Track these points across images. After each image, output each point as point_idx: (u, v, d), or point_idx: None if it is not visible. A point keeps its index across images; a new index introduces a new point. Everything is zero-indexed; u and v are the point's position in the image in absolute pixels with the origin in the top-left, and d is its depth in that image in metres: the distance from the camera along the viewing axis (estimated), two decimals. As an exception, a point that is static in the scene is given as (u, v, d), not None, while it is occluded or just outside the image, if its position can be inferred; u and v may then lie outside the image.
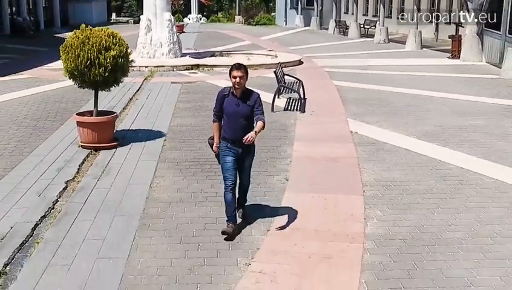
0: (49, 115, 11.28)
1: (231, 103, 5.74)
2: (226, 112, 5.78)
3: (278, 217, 6.16)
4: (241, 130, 5.70)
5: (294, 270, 4.99)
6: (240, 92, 5.70)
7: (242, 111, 5.74)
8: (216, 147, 5.91)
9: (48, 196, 6.78)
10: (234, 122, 5.75)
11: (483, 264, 5.15)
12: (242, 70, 5.63)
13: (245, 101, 5.74)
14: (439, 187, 7.17)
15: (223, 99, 5.78)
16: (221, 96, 5.80)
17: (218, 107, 5.85)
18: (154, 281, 4.87)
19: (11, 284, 4.85)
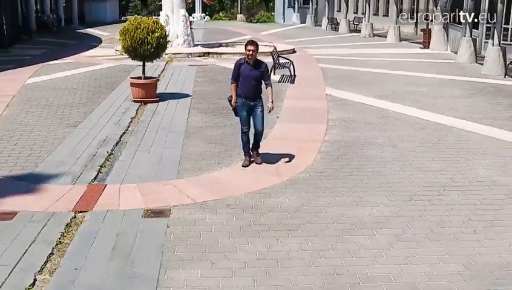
0: (101, 85, 14.97)
1: (246, 69, 7.75)
2: (242, 75, 7.77)
3: (271, 134, 9.83)
4: (252, 88, 7.80)
5: (282, 149, 8.63)
6: (252, 61, 7.71)
7: (254, 75, 7.76)
8: (234, 102, 7.94)
9: (122, 124, 10.45)
10: (248, 83, 7.78)
11: (392, 154, 8.81)
12: (254, 45, 7.69)
13: (256, 68, 7.75)
14: (377, 121, 10.85)
15: (240, 67, 7.78)
16: (238, 64, 7.81)
17: (235, 72, 7.82)
18: (197, 158, 8.53)
19: (116, 161, 8.50)
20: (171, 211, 6.39)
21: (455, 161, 8.34)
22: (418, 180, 7.48)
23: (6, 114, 11.44)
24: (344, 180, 7.52)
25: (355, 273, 5.03)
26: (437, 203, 6.71)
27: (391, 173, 7.80)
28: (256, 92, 7.86)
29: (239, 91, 7.87)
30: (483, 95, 13.61)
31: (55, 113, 11.56)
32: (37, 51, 23.62)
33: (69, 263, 5.19)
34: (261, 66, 7.85)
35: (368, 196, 6.93)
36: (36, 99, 12.90)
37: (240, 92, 7.85)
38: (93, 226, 6.01)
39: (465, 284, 4.87)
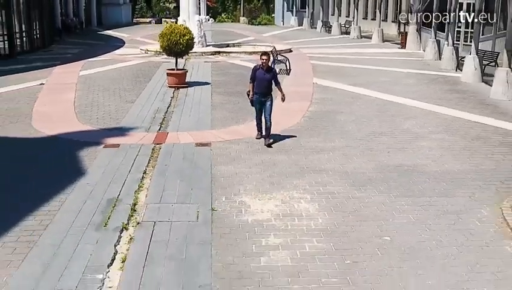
0: (139, 75, 19.29)
1: (260, 73, 10.47)
2: (257, 78, 10.45)
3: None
4: (264, 87, 10.49)
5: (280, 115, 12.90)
6: (265, 67, 10.53)
7: (266, 78, 10.47)
8: (251, 97, 10.69)
9: (165, 101, 14.75)
10: (261, 83, 10.48)
11: (351, 117, 13.10)
12: (267, 56, 10.58)
13: (268, 72, 10.51)
14: (347, 100, 15.13)
15: (256, 71, 10.52)
16: (255, 69, 10.60)
17: (253, 75, 10.51)
18: (222, 120, 12.80)
19: (170, 121, 12.75)
20: (211, 144, 10.69)
21: (392, 121, 12.63)
22: (364, 131, 11.77)
23: (79, 95, 15.75)
24: (318, 130, 11.81)
25: (315, 167, 9.30)
26: (373, 141, 10.98)
27: (348, 128, 12.09)
28: (267, 90, 10.64)
29: (255, 89, 10.60)
30: (432, 84, 17.90)
31: (113, 94, 15.88)
32: (74, 50, 27.90)
33: (161, 163, 9.48)
34: (271, 71, 10.79)
35: (332, 137, 11.22)
36: (94, 86, 17.22)
37: (256, 90, 10.61)
38: (168, 149, 10.30)
39: (376, 174, 9.13)
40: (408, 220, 7.23)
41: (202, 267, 5.94)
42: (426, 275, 5.83)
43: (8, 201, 7.76)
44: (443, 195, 8.08)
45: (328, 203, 7.80)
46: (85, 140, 10.85)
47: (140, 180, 8.63)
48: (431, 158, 9.86)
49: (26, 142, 10.88)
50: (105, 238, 6.56)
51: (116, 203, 7.63)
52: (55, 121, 12.59)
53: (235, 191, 8.23)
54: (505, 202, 7.57)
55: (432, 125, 12.30)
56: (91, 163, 9.47)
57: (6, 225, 6.87)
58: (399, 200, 7.88)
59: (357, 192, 8.24)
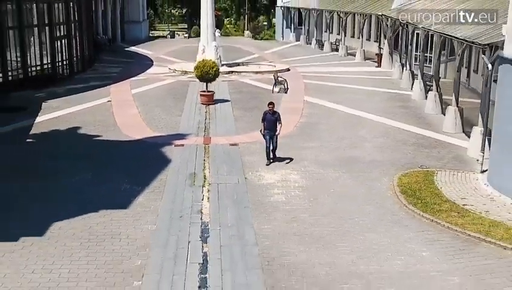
0: (176, 94, 26.23)
1: (268, 115, 15.46)
2: (266, 119, 15.45)
3: (274, 119, 21.08)
4: (272, 125, 15.36)
5: (278, 126, 19.85)
6: (272, 112, 15.72)
7: (273, 119, 15.44)
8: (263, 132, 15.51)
9: (202, 115, 21.69)
10: (269, 122, 15.40)
11: (327, 127, 20.07)
12: (272, 104, 15.70)
13: (274, 115, 15.58)
14: (327, 114, 22.07)
15: (266, 114, 15.55)
16: (265, 113, 15.56)
17: (263, 117, 15.48)
18: (243, 128, 19.74)
19: (210, 129, 19.69)
20: (238, 144, 17.63)
21: (352, 130, 19.58)
22: (333, 136, 18.72)
23: (141, 110, 22.66)
24: (304, 136, 18.75)
25: (300, 157, 16.24)
26: (337, 142, 17.90)
27: (323, 134, 19.03)
28: (273, 127, 15.60)
29: (265, 126, 15.66)
30: (389, 101, 24.88)
31: (164, 110, 22.83)
32: (114, 68, 34.82)
33: (213, 156, 16.42)
34: (276, 114, 15.87)
35: (312, 140, 18.16)
36: (148, 103, 24.15)
37: (266, 127, 15.65)
38: (213, 148, 17.25)
39: (334, 161, 16.08)
40: (346, 183, 14.18)
41: (244, 201, 12.88)
42: (346, 202, 12.77)
43: (137, 179, 14.65)
44: (367, 171, 15.03)
45: (305, 175, 14.74)
46: (161, 142, 17.80)
47: (203, 164, 15.58)
48: (368, 153, 16.82)
49: (125, 144, 17.81)
50: (196, 190, 13.52)
51: (195, 175, 14.59)
52: (135, 129, 19.55)
53: (256, 169, 15.16)
54: (396, 175, 14.51)
55: (377, 132, 19.26)
56: (171, 156, 16.41)
57: (142, 188, 13.78)
58: (344, 174, 14.83)
59: (322, 170, 15.18)
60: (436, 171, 14.81)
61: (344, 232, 11.29)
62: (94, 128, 19.60)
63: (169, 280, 9.23)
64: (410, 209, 12.23)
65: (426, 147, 17.43)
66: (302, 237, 11.02)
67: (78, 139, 18.35)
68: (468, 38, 16.40)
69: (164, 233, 11.05)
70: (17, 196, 12.98)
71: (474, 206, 12.29)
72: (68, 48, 30.89)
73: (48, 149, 17.03)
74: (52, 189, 13.50)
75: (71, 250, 10.30)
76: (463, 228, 11.08)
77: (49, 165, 15.34)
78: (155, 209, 12.27)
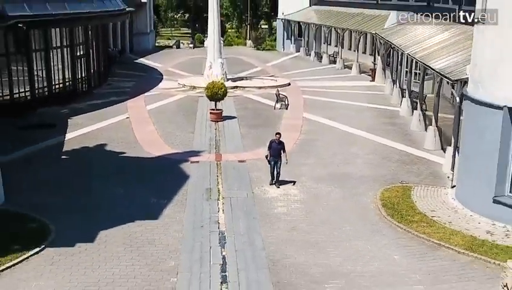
0: (187, 110, 28.99)
1: (274, 144, 17.36)
2: (272, 147, 17.34)
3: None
4: (276, 153, 17.27)
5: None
6: (278, 141, 17.46)
7: (278, 147, 17.33)
8: (269, 159, 17.48)
9: (212, 132, 24.45)
10: (274, 150, 17.31)
11: (323, 143, 22.84)
12: (279, 134, 17.65)
13: (279, 144, 17.42)
14: (323, 131, 24.84)
15: (272, 143, 17.47)
16: (271, 142, 17.48)
17: (269, 145, 17.45)
18: (249, 145, 22.53)
19: (220, 146, 22.46)
20: (246, 161, 20.38)
21: (345, 146, 22.33)
22: (328, 153, 21.46)
23: (157, 127, 25.40)
24: (302, 152, 21.49)
25: (299, 174, 19.01)
26: (331, 158, 20.66)
27: (320, 150, 21.80)
28: (278, 154, 17.50)
29: (271, 153, 17.58)
30: (379, 117, 27.63)
31: (178, 127, 25.59)
32: (128, 83, 37.58)
33: (224, 172, 19.17)
34: (281, 143, 17.64)
35: (309, 157, 20.90)
36: (162, 120, 26.89)
37: (271, 154, 17.57)
38: (224, 164, 20.00)
39: (328, 177, 18.86)
40: (338, 197, 16.94)
41: (253, 213, 15.63)
42: (336, 214, 15.52)
43: (162, 194, 17.37)
44: (356, 187, 17.78)
45: (303, 190, 17.49)
46: (178, 158, 20.56)
47: (216, 180, 18.33)
48: (358, 169, 19.59)
49: (148, 161, 20.55)
50: (212, 203, 16.28)
51: (210, 190, 17.35)
52: (155, 146, 22.30)
53: (261, 184, 17.91)
54: (380, 190, 17.27)
55: (366, 149, 22.02)
56: (189, 171, 19.17)
57: (167, 202, 16.51)
58: (336, 189, 17.58)
59: (317, 185, 17.93)
60: (413, 186, 17.57)
61: (334, 239, 14.04)
62: (118, 145, 22.35)
63: (197, 277, 11.98)
64: (388, 220, 14.98)
65: (408, 164, 20.20)
66: (301, 243, 13.77)
67: (107, 156, 21.10)
68: (442, 71, 19.15)
69: (190, 240, 13.81)
70: (64, 208, 15.70)
71: (440, 218, 15.04)
72: (86, 65, 33.65)
73: (81, 166, 19.78)
74: (92, 202, 16.25)
75: (117, 253, 13.06)
76: (429, 236, 13.83)
77: (85, 181, 18.09)
78: (180, 220, 15.03)
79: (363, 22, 42.05)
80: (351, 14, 45.51)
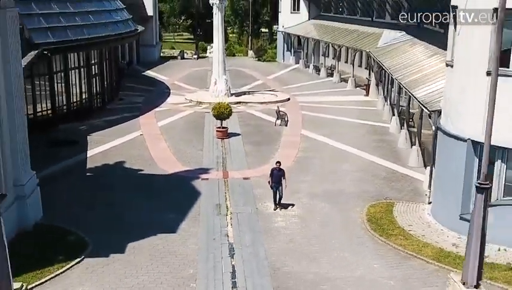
0: (196, 126, 31.71)
1: (276, 171, 19.42)
2: (273, 174, 19.41)
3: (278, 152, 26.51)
4: (278, 179, 19.30)
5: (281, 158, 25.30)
6: (278, 169, 19.53)
7: (279, 174, 19.35)
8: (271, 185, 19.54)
9: (219, 150, 27.16)
10: (276, 177, 19.34)
11: (319, 160, 25.55)
12: (279, 163, 19.68)
13: (279, 171, 19.45)
14: (319, 148, 27.53)
15: (273, 170, 19.58)
16: (273, 169, 19.65)
17: (271, 173, 19.56)
18: (253, 162, 25.23)
19: (227, 163, 25.16)
20: (250, 178, 23.08)
21: (338, 163, 25.02)
22: (324, 170, 24.16)
23: (169, 144, 28.09)
24: (300, 170, 24.18)
25: (297, 191, 21.72)
26: (326, 175, 23.35)
27: (316, 168, 24.49)
28: (279, 181, 19.48)
29: (272, 180, 19.61)
30: (371, 134, 30.33)
31: (187, 144, 28.29)
32: (138, 98, 40.26)
33: (231, 189, 21.87)
34: (281, 170, 19.63)
35: (307, 174, 23.58)
36: (173, 137, 29.60)
37: (273, 180, 19.60)
38: (231, 181, 22.70)
39: (322, 193, 21.57)
40: (329, 212, 19.63)
41: (257, 227, 18.33)
42: (327, 228, 18.22)
43: (178, 209, 20.06)
44: (346, 202, 20.47)
45: (300, 206, 20.18)
46: (191, 175, 23.25)
47: (224, 196, 21.04)
48: (348, 185, 22.28)
49: (164, 178, 23.22)
50: (222, 218, 18.99)
51: (220, 206, 20.06)
52: (168, 163, 24.98)
53: (263, 201, 20.60)
54: (366, 206, 19.97)
55: (357, 166, 24.72)
56: (200, 188, 21.86)
57: (183, 217, 19.21)
58: (328, 205, 20.27)
59: (313, 202, 20.62)
60: (395, 202, 20.27)
61: (325, 250, 16.73)
62: (136, 162, 25.06)
63: (212, 283, 14.68)
64: (371, 234, 17.67)
65: (393, 181, 22.89)
66: (297, 253, 16.46)
67: (127, 173, 23.80)
68: (423, 101, 21.82)
69: (204, 251, 16.50)
70: (95, 222, 18.39)
71: (415, 231, 17.74)
72: (100, 83, 36.38)
73: (106, 183, 22.47)
74: (119, 217, 18.94)
75: (145, 263, 15.75)
76: (404, 248, 16.52)
77: (110, 196, 20.79)
78: (195, 234, 17.73)
79: (358, 39, 44.75)
80: (348, 31, 48.20)
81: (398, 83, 27.87)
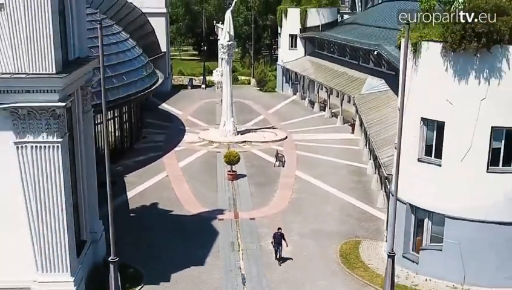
0: (210, 167, 39.14)
1: (277, 234, 25.10)
2: (275, 237, 25.11)
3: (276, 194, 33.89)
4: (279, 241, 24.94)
5: (276, 200, 32.69)
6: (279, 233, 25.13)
7: (279, 237, 24.95)
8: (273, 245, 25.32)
9: (230, 191, 34.55)
10: (277, 239, 24.97)
11: (308, 202, 32.96)
12: (280, 229, 25.44)
13: (280, 235, 25.05)
14: (310, 190, 34.92)
15: (275, 234, 25.29)
16: (274, 233, 25.38)
17: (273, 236, 25.37)
18: (257, 203, 32.63)
19: (237, 204, 32.54)
20: (255, 218, 30.48)
21: (323, 204, 32.39)
22: (313, 211, 31.52)
23: (190, 186, 35.46)
24: (293, 211, 31.56)
25: (289, 229, 29.13)
26: (314, 217, 30.71)
27: (307, 209, 31.87)
28: (280, 242, 24.97)
29: (275, 241, 25.11)
30: (351, 175, 37.70)
31: (204, 185, 35.69)
32: (159, 136, 47.54)
33: (241, 228, 29.25)
34: (282, 235, 25.16)
35: (298, 215, 30.95)
36: (192, 178, 36.97)
37: (275, 241, 25.12)
38: (241, 221, 30.10)
39: (308, 232, 28.97)
40: (312, 248, 27.10)
41: (261, 261, 25.71)
42: (309, 262, 25.59)
43: (203, 245, 27.41)
44: (325, 240, 27.81)
45: (292, 243, 27.45)
46: (210, 216, 30.63)
47: (236, 235, 28.43)
48: (329, 225, 29.64)
49: (189, 218, 30.57)
50: (235, 253, 26.40)
51: (233, 243, 27.46)
52: (191, 205, 32.35)
53: (266, 239, 27.91)
54: (340, 243, 27.34)
55: (337, 207, 32.10)
56: (218, 227, 29.24)
57: (207, 252, 26.58)
58: (313, 242, 27.60)
59: (301, 240, 27.96)
60: (362, 240, 27.62)
61: (309, 279, 24.09)
62: (166, 204, 32.43)
63: (232, 304, 22.18)
64: (341, 267, 25.04)
65: (363, 221, 30.26)
66: (290, 282, 23.84)
67: (161, 214, 31.16)
68: (385, 163, 29.11)
69: (225, 280, 23.89)
70: (145, 256, 25.74)
71: (373, 265, 25.10)
72: (129, 126, 43.83)
73: (146, 222, 29.83)
74: (161, 252, 26.31)
75: (186, 288, 23.15)
76: (363, 278, 23.90)
77: (151, 234, 28.14)
78: (218, 266, 25.12)
79: (346, 83, 52.06)
80: (338, 73, 55.50)
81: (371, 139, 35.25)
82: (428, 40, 22.04)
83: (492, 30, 20.02)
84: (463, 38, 20.38)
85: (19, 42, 18.95)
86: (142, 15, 63.71)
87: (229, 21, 45.70)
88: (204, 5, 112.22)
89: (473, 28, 20.14)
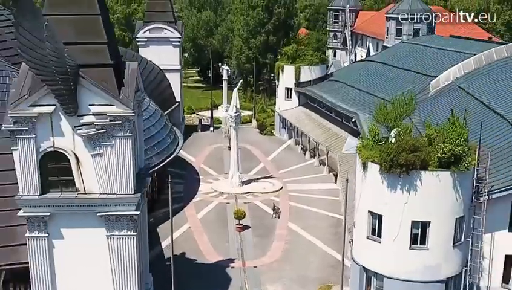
0: (221, 219, 50.47)
1: None
2: None
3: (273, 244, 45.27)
4: None
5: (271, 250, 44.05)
6: None
7: None
8: None
9: (238, 242, 45.94)
10: None
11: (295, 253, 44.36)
12: None
13: None
14: (300, 242, 46.28)
15: None
16: None
17: None
18: (259, 252, 43.99)
19: (244, 254, 43.90)
20: (257, 266, 41.85)
21: (308, 255, 43.76)
22: (298, 262, 42.96)
23: (208, 238, 46.80)
24: (284, 262, 42.89)
25: (279, 276, 40.51)
26: (301, 268, 42.12)
27: (294, 259, 43.22)
28: None
29: None
30: (332, 227, 49.02)
31: (218, 236, 47.00)
32: (179, 186, 58.63)
33: (247, 276, 40.68)
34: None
35: (288, 265, 42.32)
36: (209, 228, 48.34)
37: None
38: (247, 269, 41.49)
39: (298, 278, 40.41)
40: (299, 292, 38.54)
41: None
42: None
43: (217, 286, 38.81)
44: (307, 286, 39.20)
45: (284, 288, 38.88)
46: (224, 264, 41.99)
47: (244, 280, 39.85)
48: (312, 272, 41.01)
49: (210, 266, 41.86)
50: (244, 297, 37.97)
51: (242, 287, 38.87)
52: (210, 254, 43.66)
53: (265, 285, 39.32)
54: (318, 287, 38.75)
55: (318, 257, 43.44)
56: (231, 275, 40.61)
57: (224, 293, 38.02)
58: (299, 286, 39.02)
59: (290, 284, 39.34)
60: (333, 285, 38.97)
61: (294, 316, 35.57)
62: (192, 254, 43.73)
63: (243, 335, 33.67)
64: (317, 307, 36.51)
65: (337, 268, 41.50)
66: (281, 318, 35.33)
67: (190, 263, 42.44)
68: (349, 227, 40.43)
69: (237, 318, 35.43)
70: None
71: (339, 306, 36.54)
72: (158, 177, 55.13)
73: (180, 271, 41.10)
74: (192, 296, 37.71)
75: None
76: (331, 316, 35.37)
77: (185, 281, 39.43)
78: (232, 307, 36.64)
79: (330, 139, 63.32)
80: (325, 128, 66.79)
81: (345, 201, 46.57)
82: (372, 161, 33.40)
83: (409, 162, 31.39)
84: (391, 166, 31.73)
85: (111, 175, 30.29)
86: (160, 71, 75.17)
87: (236, 97, 57.10)
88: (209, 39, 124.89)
89: (397, 160, 31.51)
